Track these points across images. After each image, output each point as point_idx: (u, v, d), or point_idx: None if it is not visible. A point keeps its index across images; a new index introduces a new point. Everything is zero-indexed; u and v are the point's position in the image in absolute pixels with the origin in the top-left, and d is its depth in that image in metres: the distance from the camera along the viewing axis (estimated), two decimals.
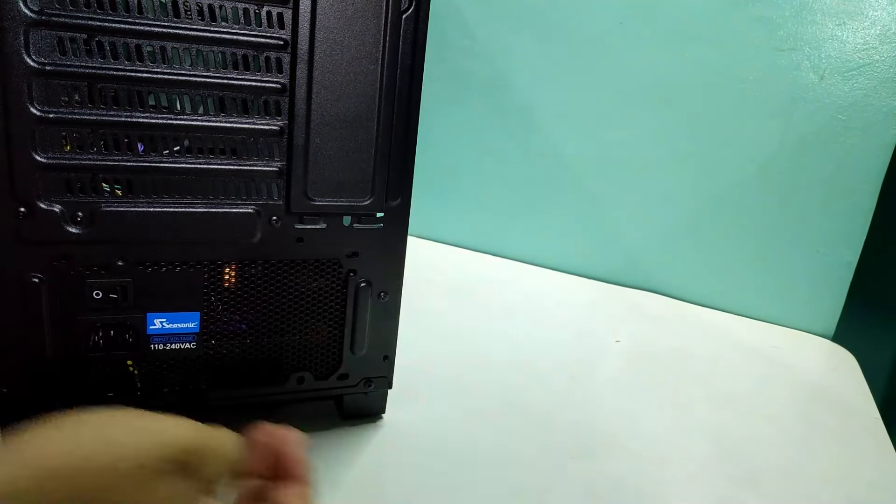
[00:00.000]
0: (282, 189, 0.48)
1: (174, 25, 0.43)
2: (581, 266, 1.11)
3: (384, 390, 0.60)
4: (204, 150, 0.46)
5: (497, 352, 0.79)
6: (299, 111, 0.46)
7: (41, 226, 0.43)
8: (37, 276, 0.44)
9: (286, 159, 0.48)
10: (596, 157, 1.05)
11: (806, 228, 0.96)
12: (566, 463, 0.59)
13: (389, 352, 0.58)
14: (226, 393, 0.53)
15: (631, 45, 0.98)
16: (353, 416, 0.60)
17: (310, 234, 0.50)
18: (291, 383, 0.55)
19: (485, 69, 1.04)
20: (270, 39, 0.45)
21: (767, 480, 0.62)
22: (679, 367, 0.83)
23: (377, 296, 0.55)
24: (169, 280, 0.48)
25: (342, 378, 0.56)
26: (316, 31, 0.45)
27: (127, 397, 0.49)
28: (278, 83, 0.46)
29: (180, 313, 0.49)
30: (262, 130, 0.47)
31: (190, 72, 0.44)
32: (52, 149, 0.42)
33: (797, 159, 0.94)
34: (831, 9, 0.88)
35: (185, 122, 0.45)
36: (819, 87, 0.90)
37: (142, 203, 0.45)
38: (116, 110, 0.43)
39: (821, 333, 0.99)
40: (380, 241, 0.53)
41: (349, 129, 0.48)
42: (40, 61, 0.40)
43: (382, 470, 0.55)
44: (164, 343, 0.49)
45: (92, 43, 0.41)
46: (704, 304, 1.04)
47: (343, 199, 0.50)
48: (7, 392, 0.46)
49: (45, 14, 0.40)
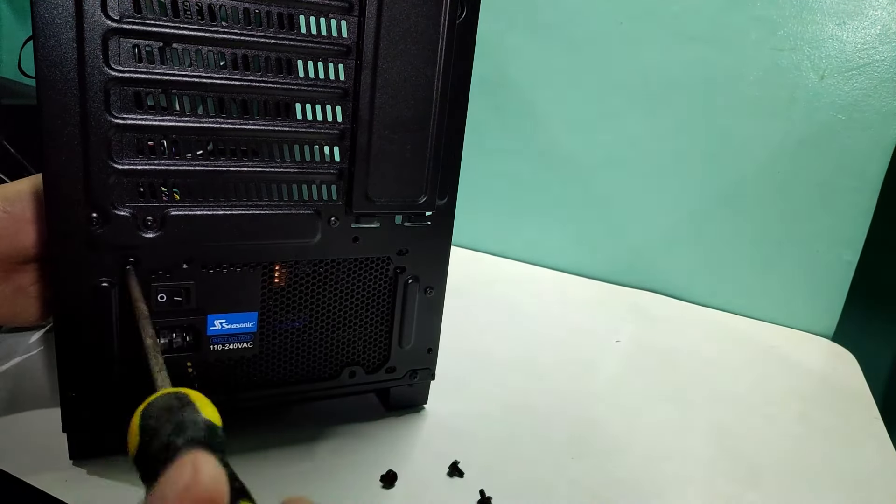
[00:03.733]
0: (341, 190, 0.53)
1: (248, 33, 0.47)
2: (581, 265, 1.15)
3: (427, 381, 0.65)
4: (270, 153, 0.51)
5: (497, 351, 0.83)
6: (363, 115, 0.51)
7: (114, 231, 0.47)
8: (107, 281, 0.48)
9: (349, 161, 0.52)
10: (596, 157, 1.09)
11: (806, 228, 1.00)
12: (566, 462, 0.63)
13: (433, 344, 0.63)
14: (281, 390, 0.58)
15: (631, 45, 1.03)
16: (397, 407, 0.66)
17: (365, 233, 0.56)
18: (344, 378, 0.60)
19: (485, 68, 1.07)
20: (338, 46, 0.50)
21: (767, 480, 0.64)
22: (679, 366, 0.86)
23: (424, 291, 0.60)
24: (229, 281, 0.52)
25: (390, 371, 0.62)
26: (380, 39, 0.50)
27: None
28: (344, 88, 0.51)
29: (239, 314, 0.53)
30: (326, 134, 0.52)
31: (262, 78, 0.49)
32: (126, 155, 0.46)
33: (797, 159, 0.98)
34: (831, 8, 0.92)
35: (254, 126, 0.49)
36: (819, 87, 0.95)
37: (208, 206, 0.49)
38: (189, 116, 0.47)
39: (821, 333, 1.03)
40: (427, 239, 0.59)
41: (408, 131, 0.53)
42: (117, 69, 0.44)
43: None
44: (222, 343, 0.53)
45: (167, 50, 0.46)
46: (704, 303, 1.08)
47: (399, 199, 0.55)
48: (75, 396, 0.50)
49: (123, 22, 0.44)
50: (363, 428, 0.63)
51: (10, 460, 0.52)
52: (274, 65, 0.49)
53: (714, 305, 1.08)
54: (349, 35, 0.50)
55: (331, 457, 0.58)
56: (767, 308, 1.06)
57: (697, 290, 1.09)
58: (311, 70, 0.50)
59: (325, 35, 0.50)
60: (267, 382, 0.57)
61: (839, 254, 1.00)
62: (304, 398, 0.60)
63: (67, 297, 0.47)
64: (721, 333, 1.00)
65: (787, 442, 0.72)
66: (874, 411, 0.81)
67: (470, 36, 0.54)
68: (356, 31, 0.50)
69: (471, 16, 0.54)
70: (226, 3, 0.46)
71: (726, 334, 1.00)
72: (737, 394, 0.81)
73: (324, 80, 0.51)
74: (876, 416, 0.80)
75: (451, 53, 0.53)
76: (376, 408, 0.66)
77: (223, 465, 0.29)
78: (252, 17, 0.48)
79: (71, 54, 0.43)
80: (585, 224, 1.13)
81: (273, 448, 0.58)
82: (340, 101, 0.51)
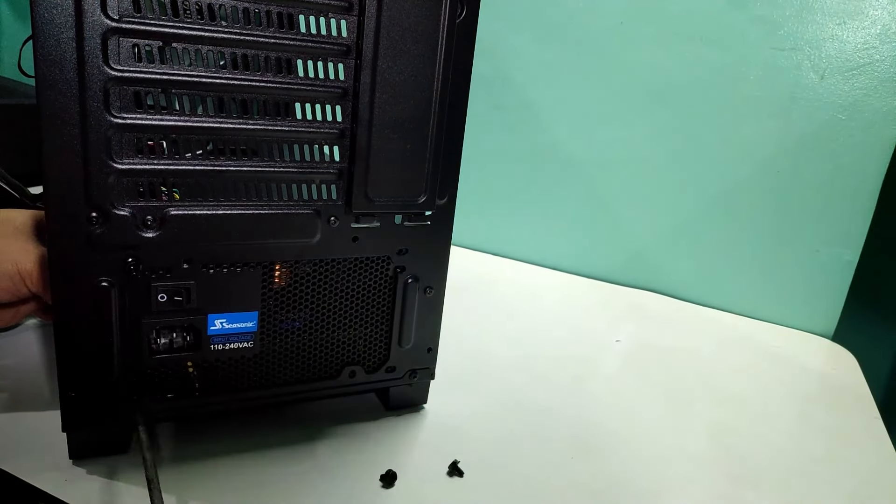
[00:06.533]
0: (341, 190, 0.53)
1: (248, 33, 0.47)
2: (581, 265, 1.15)
3: (427, 381, 0.65)
4: (270, 152, 0.51)
5: (497, 351, 0.83)
6: (363, 114, 0.51)
7: (114, 230, 0.47)
8: (106, 281, 0.48)
9: (348, 161, 0.52)
10: (596, 157, 1.09)
11: (806, 228, 1.00)
12: (566, 462, 0.63)
13: (433, 344, 0.63)
14: (281, 390, 0.58)
15: (631, 45, 1.03)
16: (397, 406, 0.66)
17: (364, 232, 0.56)
18: (344, 377, 0.60)
19: (485, 68, 1.08)
20: (338, 46, 0.50)
21: (767, 480, 0.65)
22: (679, 366, 0.86)
23: (423, 290, 0.60)
24: (229, 281, 0.52)
25: (390, 371, 0.62)
26: (380, 38, 0.50)
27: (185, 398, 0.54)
28: (343, 87, 0.51)
29: (239, 313, 0.53)
30: (326, 133, 0.52)
31: (262, 78, 0.49)
32: (126, 154, 0.46)
33: (797, 159, 0.98)
34: (831, 8, 0.92)
35: (254, 126, 0.49)
36: (819, 87, 0.95)
37: (208, 206, 0.49)
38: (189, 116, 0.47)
39: (821, 333, 1.03)
40: (427, 238, 0.59)
41: (408, 130, 0.53)
42: (117, 68, 0.44)
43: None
44: (223, 343, 0.53)
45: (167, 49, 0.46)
46: (704, 303, 1.08)
47: (399, 199, 0.55)
48: (75, 396, 0.50)
49: (123, 21, 0.44)
50: (363, 428, 0.63)
51: (10, 460, 0.52)
52: (274, 64, 0.49)
53: (714, 305, 1.08)
54: (349, 35, 0.50)
55: (331, 457, 0.58)
56: (767, 308, 1.06)
57: (697, 290, 1.09)
58: (311, 70, 0.50)
59: (324, 35, 0.50)
60: (267, 382, 0.57)
61: (839, 254, 1.00)
62: (305, 398, 0.60)
63: (67, 296, 0.47)
64: (721, 333, 1.00)
65: (786, 442, 0.72)
66: (874, 411, 0.81)
67: (470, 36, 0.54)
68: (356, 31, 0.50)
69: (471, 15, 0.54)
70: (226, 3, 0.46)
71: (726, 334, 1.00)
72: (736, 394, 0.81)
73: (323, 79, 0.51)
74: (876, 416, 0.80)
75: (451, 53, 0.53)
76: (376, 407, 0.66)
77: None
78: (252, 16, 0.48)
79: (70, 54, 0.43)
80: (585, 224, 1.13)
81: (273, 448, 0.58)
82: (340, 100, 0.51)
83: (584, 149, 1.10)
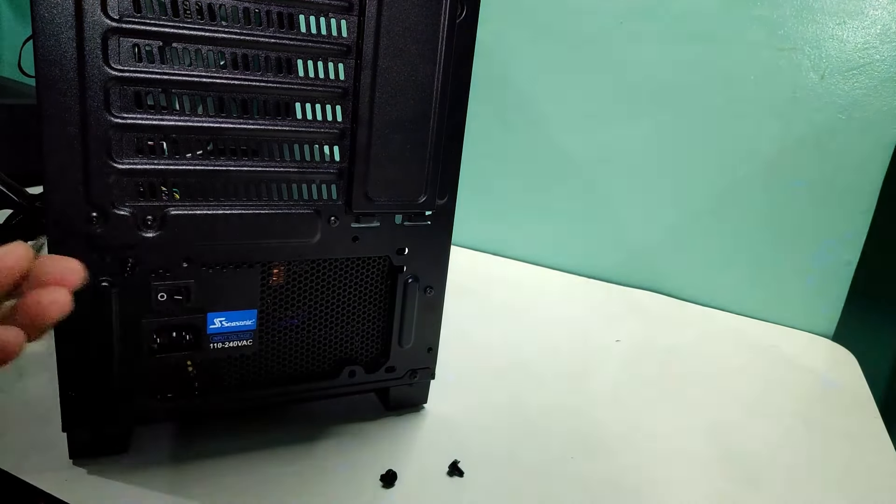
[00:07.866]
0: (341, 190, 0.54)
1: (248, 33, 0.47)
2: (581, 265, 1.15)
3: (427, 381, 0.66)
4: (270, 152, 0.51)
5: (497, 350, 0.83)
6: (363, 114, 0.51)
7: (114, 230, 0.47)
8: (106, 281, 0.48)
9: (348, 161, 0.53)
10: (596, 157, 1.09)
11: (806, 228, 1.00)
12: (565, 462, 0.63)
13: (433, 344, 0.63)
14: (281, 389, 0.58)
15: (631, 45, 1.03)
16: (397, 406, 0.66)
17: (364, 232, 0.56)
18: (343, 377, 0.60)
19: (485, 68, 1.06)
20: (338, 46, 0.50)
21: (767, 480, 0.65)
22: (679, 366, 0.86)
23: (423, 290, 0.60)
24: (229, 280, 0.52)
25: (389, 370, 0.62)
26: (380, 38, 0.50)
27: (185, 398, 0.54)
28: (343, 87, 0.51)
29: (239, 312, 0.53)
30: (326, 133, 0.52)
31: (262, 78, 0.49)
32: (126, 154, 0.46)
33: (797, 158, 0.98)
34: (832, 8, 0.92)
35: (254, 126, 0.49)
36: (819, 87, 0.95)
37: (208, 206, 0.49)
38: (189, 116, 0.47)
39: (821, 333, 1.03)
40: (427, 238, 0.59)
41: (408, 130, 0.53)
42: (117, 68, 0.44)
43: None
44: (222, 342, 0.53)
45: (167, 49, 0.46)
46: (704, 303, 1.08)
47: (399, 199, 0.55)
48: (75, 396, 0.50)
49: (123, 21, 0.44)
50: (363, 427, 0.63)
51: (10, 460, 0.52)
52: (274, 64, 0.49)
53: (714, 305, 1.08)
54: (349, 34, 0.50)
55: (331, 456, 0.58)
56: (767, 308, 1.06)
57: (697, 289, 1.09)
58: (311, 69, 0.51)
59: (324, 34, 0.50)
60: (267, 381, 0.57)
61: (839, 254, 1.00)
62: (304, 397, 0.60)
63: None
64: (721, 333, 1.00)
65: (786, 442, 0.72)
66: (874, 411, 0.81)
67: (470, 35, 0.54)
68: (356, 31, 0.50)
69: (471, 15, 0.54)
70: (226, 3, 0.46)
71: (726, 334, 1.00)
72: (736, 393, 0.81)
73: (324, 79, 0.51)
74: (876, 416, 0.80)
75: (451, 53, 0.53)
76: (376, 407, 0.66)
77: None
78: (252, 16, 0.48)
79: (71, 53, 0.43)
80: (585, 224, 1.13)
81: (273, 448, 0.58)
82: (340, 100, 0.51)
83: (584, 148, 1.10)
